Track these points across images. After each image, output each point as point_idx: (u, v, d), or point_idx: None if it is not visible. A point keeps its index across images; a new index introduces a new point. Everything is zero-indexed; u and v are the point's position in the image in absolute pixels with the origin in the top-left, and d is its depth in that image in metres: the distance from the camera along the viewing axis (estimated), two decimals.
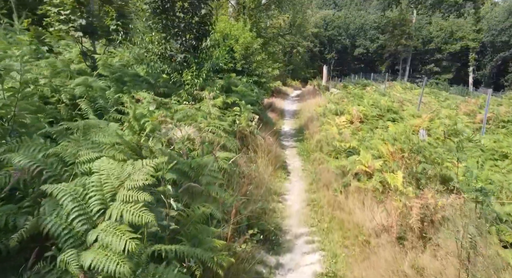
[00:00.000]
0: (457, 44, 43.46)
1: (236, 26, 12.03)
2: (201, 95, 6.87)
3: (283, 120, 12.64)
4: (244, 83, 10.23)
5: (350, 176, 5.39)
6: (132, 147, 3.57)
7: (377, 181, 4.99)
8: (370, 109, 10.63)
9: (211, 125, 5.02)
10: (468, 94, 22.25)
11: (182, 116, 5.26)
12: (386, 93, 15.76)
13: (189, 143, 4.55)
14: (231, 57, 11.51)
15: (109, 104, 4.96)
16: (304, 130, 10.22)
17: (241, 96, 8.41)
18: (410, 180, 4.91)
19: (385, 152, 5.96)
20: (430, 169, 5.01)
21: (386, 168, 5.37)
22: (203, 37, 7.99)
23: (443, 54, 44.37)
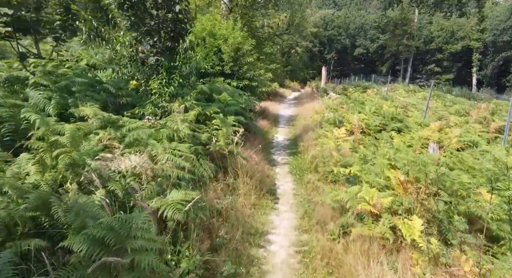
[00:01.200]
0: (458, 44, 42.15)
1: (225, 24, 10.73)
2: (172, 107, 5.60)
3: (277, 128, 11.37)
4: (231, 89, 8.95)
5: (351, 215, 4.12)
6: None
7: (386, 227, 3.72)
8: (372, 118, 9.34)
9: (168, 151, 3.74)
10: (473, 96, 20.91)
11: (133, 139, 3.98)
12: (389, 97, 14.45)
13: (133, 180, 3.29)
14: (219, 59, 10.24)
15: (35, 124, 3.68)
16: (298, 142, 8.94)
17: (224, 106, 7.13)
18: (431, 227, 3.64)
19: (394, 180, 4.68)
20: (457, 214, 3.74)
21: (396, 204, 4.10)
22: (179, 37, 6.70)
23: (444, 54, 43.02)
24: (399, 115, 9.81)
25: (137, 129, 4.31)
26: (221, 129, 5.63)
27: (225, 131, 5.64)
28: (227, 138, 5.61)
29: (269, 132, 10.41)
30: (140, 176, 3.31)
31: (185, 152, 3.83)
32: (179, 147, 3.87)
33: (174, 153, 3.70)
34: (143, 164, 3.38)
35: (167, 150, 3.74)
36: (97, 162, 3.25)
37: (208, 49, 10.12)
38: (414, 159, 5.46)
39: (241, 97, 9.02)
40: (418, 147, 7.75)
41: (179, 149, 3.83)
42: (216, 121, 5.93)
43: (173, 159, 3.58)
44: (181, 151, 3.79)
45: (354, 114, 9.68)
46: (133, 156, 3.51)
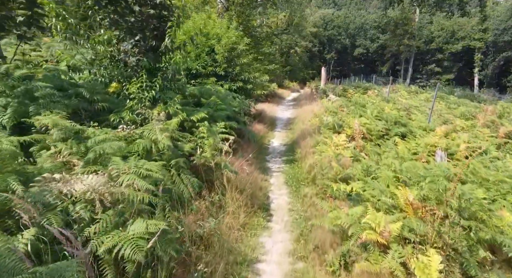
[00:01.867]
0: (458, 44, 41.49)
1: (219, 23, 10.07)
2: (152, 114, 4.95)
3: (274, 132, 10.72)
4: (224, 92, 8.31)
5: (354, 243, 3.47)
6: None
7: (396, 261, 3.08)
8: (375, 122, 8.68)
9: (133, 170, 3.10)
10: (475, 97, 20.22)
11: (98, 154, 3.34)
12: (390, 99, 13.79)
13: (85, 208, 2.65)
14: (212, 60, 9.59)
15: None
16: (296, 148, 8.30)
17: (213, 110, 6.48)
18: (452, 265, 3.00)
19: (402, 199, 4.04)
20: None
21: (407, 230, 3.45)
22: (164, 36, 6.04)
23: (444, 54, 42.33)
24: (402, 119, 9.16)
25: (105, 142, 3.66)
26: (207, 139, 4.97)
27: (212, 141, 4.99)
28: (214, 149, 4.96)
29: (265, 137, 9.77)
30: (94, 203, 2.66)
31: (154, 170, 3.17)
32: (147, 165, 3.21)
33: (139, 173, 3.05)
34: (99, 187, 2.73)
35: (132, 168, 3.09)
36: (39, 184, 2.61)
37: (200, 49, 9.47)
38: (424, 173, 4.83)
39: (235, 100, 8.38)
40: (424, 155, 7.10)
41: (147, 167, 3.17)
42: (203, 129, 5.28)
43: (136, 180, 2.92)
44: (149, 170, 3.13)
45: (355, 118, 9.03)
46: (91, 176, 2.87)
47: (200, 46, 9.45)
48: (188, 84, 9.17)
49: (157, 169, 3.23)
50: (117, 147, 3.48)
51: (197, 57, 9.43)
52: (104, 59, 6.12)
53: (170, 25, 5.66)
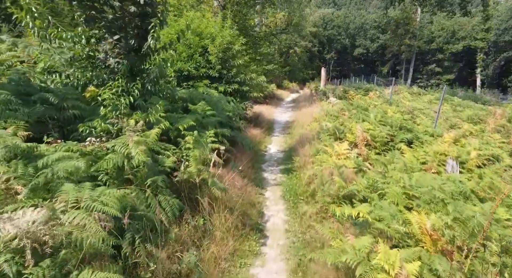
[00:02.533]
0: (459, 44, 40.85)
1: (213, 22, 9.40)
2: (128, 123, 4.28)
3: (271, 137, 10.05)
4: (217, 95, 7.65)
5: None
6: None
7: None
8: (379, 128, 8.02)
9: (87, 203, 2.43)
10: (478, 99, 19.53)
11: (48, 178, 2.68)
12: (393, 101, 13.11)
13: (11, 260, 1.99)
14: (205, 61, 8.92)
15: None
16: (294, 155, 7.63)
17: (202, 117, 5.82)
18: None
19: (417, 226, 3.38)
20: None
21: (427, 272, 2.80)
22: (147, 35, 5.38)
23: (445, 54, 41.67)
24: (408, 124, 8.49)
25: (61, 161, 3.00)
26: (192, 151, 4.31)
27: (198, 154, 4.33)
28: (202, 162, 4.30)
29: (262, 143, 9.11)
30: (24, 251, 2.00)
31: (111, 204, 2.51)
32: (105, 196, 2.55)
33: (91, 208, 2.39)
34: (36, 229, 2.08)
35: (86, 200, 2.43)
36: None
37: (193, 49, 8.80)
38: (439, 191, 4.17)
39: (229, 104, 7.72)
40: (434, 165, 6.44)
41: (105, 199, 2.50)
42: (189, 139, 4.62)
43: (84, 217, 2.26)
44: (105, 204, 2.47)
45: (358, 123, 8.37)
46: (29, 212, 2.22)
47: (193, 46, 8.78)
48: (179, 87, 8.53)
49: (117, 200, 2.56)
50: (73, 168, 2.82)
51: (189, 58, 8.77)
52: (82, 60, 5.46)
53: (153, 24, 4.99)
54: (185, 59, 8.69)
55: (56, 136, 4.16)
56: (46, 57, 6.49)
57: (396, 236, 3.33)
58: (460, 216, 3.14)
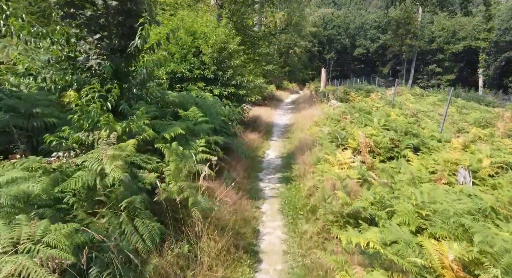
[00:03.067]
0: (459, 44, 40.36)
1: (206, 20, 8.88)
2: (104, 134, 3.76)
3: (269, 141, 9.53)
4: (211, 100, 7.13)
5: None
6: None
7: None
8: (382, 133, 7.50)
9: (25, 247, 1.91)
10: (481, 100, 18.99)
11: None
12: (396, 103, 12.60)
13: None
14: (200, 62, 8.39)
15: None
16: (293, 162, 7.11)
17: (193, 124, 5.30)
18: None
19: (437, 257, 2.87)
20: None
21: None
22: (133, 34, 4.86)
23: (445, 54, 41.15)
24: (413, 129, 7.97)
25: (15, 183, 2.49)
26: (172, 161, 3.78)
27: (177, 169, 3.80)
28: (183, 178, 3.78)
29: (260, 148, 8.58)
30: None
31: (61, 241, 1.99)
32: (48, 236, 2.02)
33: (31, 251, 1.86)
34: None
35: (23, 242, 1.91)
36: None
37: (186, 50, 8.28)
38: (462, 217, 3.65)
39: (224, 109, 7.20)
40: (445, 175, 5.93)
41: (48, 240, 1.98)
42: (165, 152, 4.02)
43: (21, 263, 1.74)
44: (52, 246, 1.95)
45: (360, 128, 7.85)
46: None
47: (186, 46, 8.26)
48: (172, 90, 8.01)
49: (67, 238, 2.04)
50: (22, 194, 2.30)
51: (183, 59, 8.24)
52: (62, 61, 4.95)
53: (142, 21, 4.48)
54: (178, 60, 8.17)
55: (23, 148, 3.65)
56: (25, 58, 5.95)
57: (413, 270, 2.81)
58: (490, 249, 2.62)
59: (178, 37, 8.23)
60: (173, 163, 3.72)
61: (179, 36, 8.18)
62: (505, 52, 40.52)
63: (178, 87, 8.16)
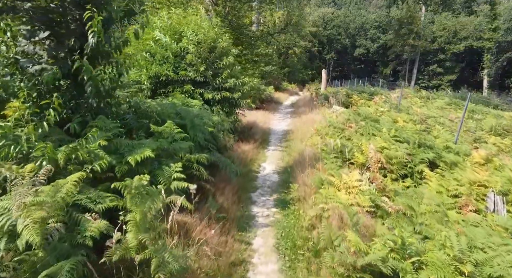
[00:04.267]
0: (461, 44, 39.28)
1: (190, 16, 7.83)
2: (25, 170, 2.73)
3: (266, 151, 8.47)
4: (196, 109, 6.10)
5: None
6: None
7: None
8: (394, 146, 6.47)
9: None
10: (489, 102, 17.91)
11: None
12: (403, 108, 11.56)
13: None
14: (187, 63, 7.36)
15: None
16: (292, 180, 6.09)
17: (168, 143, 4.26)
18: None
19: None
20: None
21: None
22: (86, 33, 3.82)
23: (447, 54, 40.05)
24: (427, 139, 6.93)
25: None
26: (140, 211, 2.75)
27: (148, 212, 2.78)
28: (146, 227, 2.75)
29: (254, 160, 7.55)
30: None
31: None
32: None
33: None
34: None
35: None
36: None
37: (168, 51, 7.24)
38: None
39: (213, 118, 6.17)
40: (471, 200, 4.90)
41: None
42: (123, 188, 2.98)
43: None
44: None
45: (369, 140, 6.82)
46: None
47: (169, 46, 7.22)
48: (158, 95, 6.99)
49: None
50: None
51: (165, 59, 7.21)
52: (7, 66, 3.93)
53: (89, 14, 3.46)
54: (160, 61, 7.14)
55: None
56: None
57: None
58: None
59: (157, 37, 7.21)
60: (136, 209, 2.69)
61: (153, 35, 7.17)
62: (507, 52, 39.40)
63: (163, 92, 7.14)
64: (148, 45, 7.15)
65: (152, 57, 7.07)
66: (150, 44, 7.14)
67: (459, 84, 39.93)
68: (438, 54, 40.55)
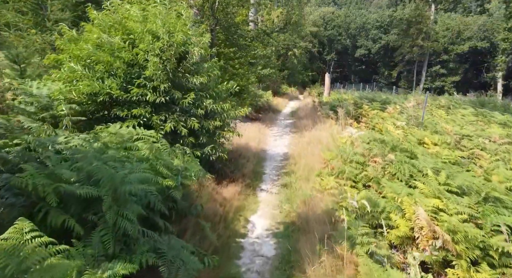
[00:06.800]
0: (464, 44, 36.78)
1: (157, 10, 5.36)
2: None
3: (257, 192, 5.91)
4: (143, 152, 3.67)
5: None
6: None
7: None
8: (454, 204, 4.03)
9: None
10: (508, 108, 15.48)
11: None
12: (428, 124, 9.09)
13: None
14: (145, 78, 4.92)
15: None
16: (295, 259, 3.68)
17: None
18: None
19: None
20: None
21: None
22: None
23: (450, 55, 37.51)
24: (496, 190, 4.48)
25: None
26: None
27: None
28: None
29: (241, 211, 5.09)
30: None
31: None
32: None
33: None
34: None
35: None
36: None
37: (123, 58, 4.80)
38: None
39: (171, 165, 3.75)
40: None
41: None
42: None
43: None
44: None
45: (408, 188, 4.39)
46: None
47: (117, 51, 4.78)
48: (91, 127, 4.56)
49: None
50: None
51: (112, 70, 4.78)
52: None
53: None
54: (103, 73, 4.69)
55: None
56: None
57: None
58: None
59: (102, 38, 4.76)
60: None
61: (98, 36, 4.72)
62: None
63: (105, 118, 4.70)
64: (84, 50, 4.71)
65: (88, 69, 4.63)
66: (88, 49, 4.69)
67: (463, 86, 37.46)
68: (441, 55, 38.02)
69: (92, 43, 4.93)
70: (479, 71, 38.71)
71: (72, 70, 4.47)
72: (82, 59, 4.86)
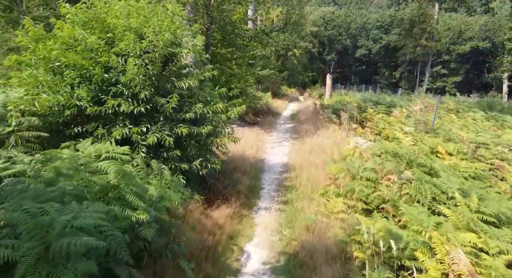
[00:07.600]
0: (466, 44, 36.06)
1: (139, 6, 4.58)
2: None
3: (254, 214, 5.06)
4: (115, 171, 2.88)
5: None
6: None
7: None
8: (492, 240, 3.24)
9: None
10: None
11: None
12: (441, 130, 8.31)
13: None
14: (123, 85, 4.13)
15: None
16: None
17: None
18: None
19: None
20: None
21: None
22: None
23: (451, 55, 36.77)
24: None
25: None
26: None
27: None
28: None
29: (234, 239, 4.32)
30: None
31: None
32: None
33: None
34: None
35: None
36: None
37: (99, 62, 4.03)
38: None
39: (149, 189, 2.98)
40: None
41: None
42: None
43: None
44: None
45: (435, 217, 3.62)
46: None
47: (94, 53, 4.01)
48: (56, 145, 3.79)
49: None
50: None
51: (85, 77, 4.00)
52: None
53: None
54: (73, 80, 3.92)
55: None
56: None
57: None
58: None
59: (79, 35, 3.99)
60: None
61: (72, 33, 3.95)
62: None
63: (70, 133, 3.92)
64: (53, 51, 3.93)
65: (55, 74, 3.85)
66: (56, 49, 3.91)
67: (464, 86, 36.67)
68: (443, 55, 37.22)
69: (61, 42, 4.16)
70: (480, 72, 37.94)
71: (32, 75, 3.68)
72: (50, 61, 4.10)
